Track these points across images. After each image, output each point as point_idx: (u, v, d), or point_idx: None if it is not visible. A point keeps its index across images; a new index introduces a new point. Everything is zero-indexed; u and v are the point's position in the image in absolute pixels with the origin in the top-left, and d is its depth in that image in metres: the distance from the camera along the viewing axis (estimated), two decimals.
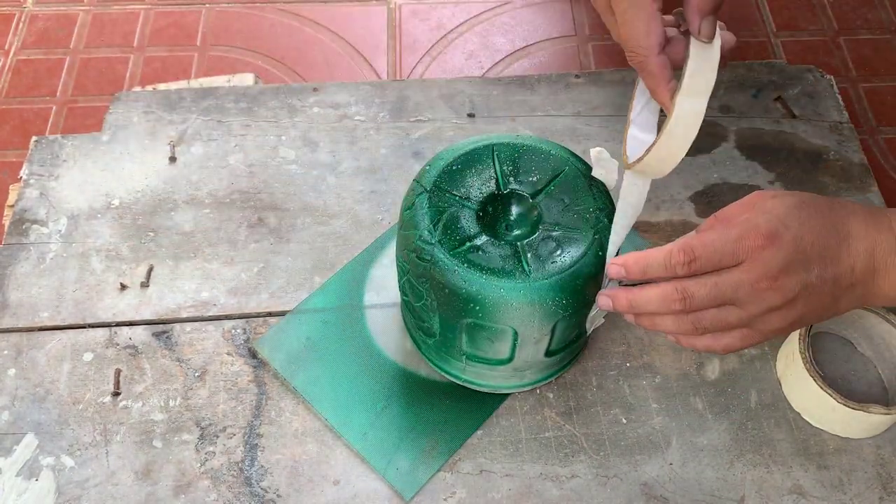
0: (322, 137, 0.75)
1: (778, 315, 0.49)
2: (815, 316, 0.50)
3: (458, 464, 0.58)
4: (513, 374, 0.57)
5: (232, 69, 0.84)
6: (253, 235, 0.69)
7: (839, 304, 0.50)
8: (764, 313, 0.48)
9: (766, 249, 0.47)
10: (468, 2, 0.92)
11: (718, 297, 0.48)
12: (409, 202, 0.54)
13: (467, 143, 0.57)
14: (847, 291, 0.50)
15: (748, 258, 0.48)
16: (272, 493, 0.56)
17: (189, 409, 0.60)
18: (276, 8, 0.91)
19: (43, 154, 0.73)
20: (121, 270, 0.66)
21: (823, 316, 0.51)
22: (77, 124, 0.80)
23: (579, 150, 0.61)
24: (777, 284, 0.47)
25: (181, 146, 0.74)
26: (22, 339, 0.63)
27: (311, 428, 0.59)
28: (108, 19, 0.89)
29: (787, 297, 0.48)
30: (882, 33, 0.91)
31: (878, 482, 0.58)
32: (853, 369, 0.63)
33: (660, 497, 0.57)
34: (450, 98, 0.78)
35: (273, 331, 0.63)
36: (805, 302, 0.49)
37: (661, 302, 0.49)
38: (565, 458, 0.58)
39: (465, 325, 0.53)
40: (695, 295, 0.48)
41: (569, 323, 0.53)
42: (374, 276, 0.66)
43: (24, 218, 0.69)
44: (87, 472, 0.57)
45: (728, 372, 0.63)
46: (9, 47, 0.86)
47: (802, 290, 0.48)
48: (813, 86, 0.80)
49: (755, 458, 0.59)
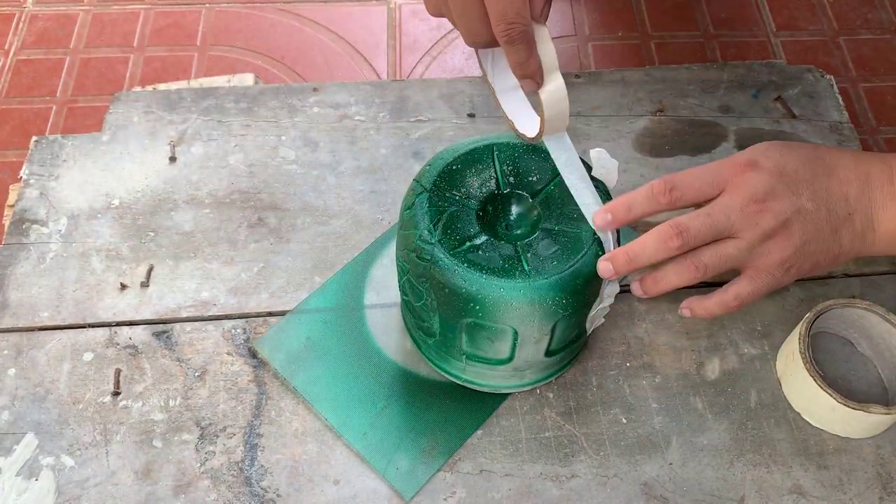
0: (322, 137, 0.75)
1: (776, 244, 0.47)
2: (817, 248, 0.48)
3: (458, 463, 0.58)
4: (513, 373, 0.57)
5: (232, 69, 0.85)
6: (253, 235, 0.69)
7: (841, 238, 0.49)
8: (761, 241, 0.47)
9: (747, 174, 0.47)
10: None
11: (712, 225, 0.47)
12: (409, 202, 0.54)
13: (467, 143, 0.57)
14: (846, 222, 0.48)
15: (730, 184, 0.47)
16: (272, 492, 0.56)
17: (189, 408, 0.60)
18: (276, 8, 0.91)
19: (43, 154, 0.73)
20: (121, 270, 0.66)
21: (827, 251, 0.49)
22: (77, 124, 0.80)
23: (579, 150, 0.61)
24: (766, 206, 0.46)
25: (181, 146, 0.74)
26: (22, 338, 0.63)
27: (311, 428, 0.59)
28: (108, 19, 0.89)
29: (779, 218, 0.47)
30: (882, 33, 0.91)
31: (878, 482, 0.58)
32: (853, 369, 0.63)
33: (660, 497, 0.57)
34: (450, 98, 0.78)
35: (273, 331, 0.63)
36: (801, 228, 0.47)
37: (657, 242, 0.48)
38: (565, 457, 0.58)
39: (465, 325, 0.53)
40: (689, 227, 0.48)
41: (569, 323, 0.53)
42: (374, 275, 0.66)
43: (24, 218, 0.69)
44: (87, 471, 0.57)
45: (728, 372, 0.63)
46: (9, 47, 0.86)
47: (795, 213, 0.47)
48: (813, 86, 0.80)
49: (755, 458, 0.59)
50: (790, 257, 0.48)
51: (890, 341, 0.60)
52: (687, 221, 0.48)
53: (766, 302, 0.66)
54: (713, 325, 0.65)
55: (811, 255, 0.49)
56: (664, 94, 0.79)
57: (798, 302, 0.66)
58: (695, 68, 0.81)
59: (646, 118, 0.77)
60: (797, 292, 0.67)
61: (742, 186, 0.47)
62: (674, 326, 0.64)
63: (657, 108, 0.78)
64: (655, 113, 0.78)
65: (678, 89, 0.79)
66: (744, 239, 0.47)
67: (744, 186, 0.47)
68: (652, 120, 0.77)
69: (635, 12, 0.93)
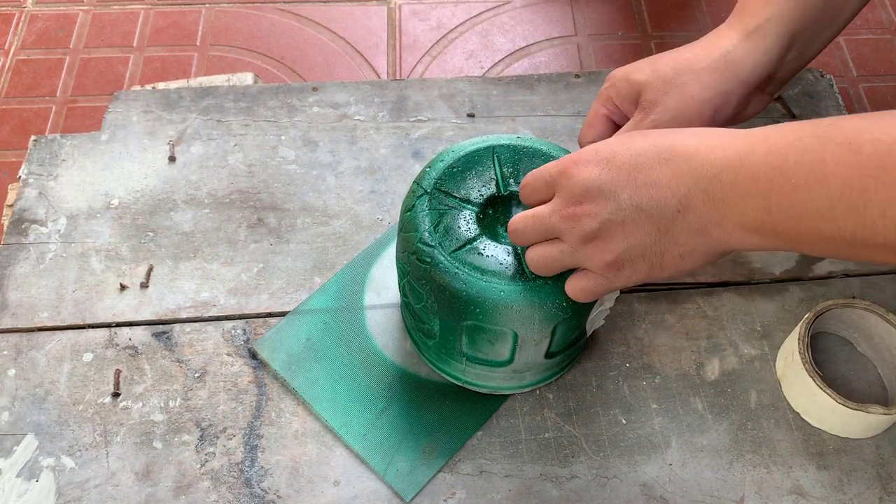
0: (322, 137, 0.75)
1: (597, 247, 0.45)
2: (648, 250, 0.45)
3: (458, 464, 0.58)
4: (513, 375, 0.57)
5: (231, 69, 0.84)
6: (253, 236, 0.69)
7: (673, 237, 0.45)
8: (582, 243, 0.46)
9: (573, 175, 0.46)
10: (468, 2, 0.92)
11: (535, 228, 0.47)
12: (409, 204, 0.54)
13: (467, 145, 0.57)
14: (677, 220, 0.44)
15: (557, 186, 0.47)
16: (272, 493, 0.56)
17: (189, 409, 0.60)
18: (276, 8, 0.91)
19: (42, 154, 0.73)
20: (120, 270, 0.66)
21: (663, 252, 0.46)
22: (77, 124, 0.80)
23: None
24: (582, 209, 0.45)
25: (181, 146, 0.74)
26: (22, 339, 0.63)
27: (311, 429, 0.59)
28: (108, 19, 0.89)
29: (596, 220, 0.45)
30: (882, 33, 0.91)
31: (878, 482, 0.58)
32: (853, 369, 0.63)
33: (659, 497, 0.57)
34: (450, 98, 0.78)
35: (273, 331, 0.63)
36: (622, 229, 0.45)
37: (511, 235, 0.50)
38: (565, 458, 0.58)
39: (465, 327, 0.53)
40: (517, 227, 0.48)
41: (569, 325, 0.53)
42: (373, 276, 0.66)
43: (23, 218, 0.69)
44: (88, 472, 0.57)
45: (728, 372, 0.63)
46: (9, 47, 0.86)
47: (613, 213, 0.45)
48: (813, 86, 0.80)
49: (755, 459, 0.59)
50: (616, 260, 0.46)
51: (890, 341, 0.60)
52: (515, 221, 0.49)
53: (766, 302, 0.66)
54: (713, 325, 0.65)
55: (641, 256, 0.46)
56: None
57: (798, 302, 0.66)
58: None
59: None
60: (797, 292, 0.67)
61: (564, 186, 0.46)
62: (673, 327, 0.65)
63: None
64: None
65: None
66: (566, 242, 0.47)
67: (566, 186, 0.46)
68: None
69: (635, 12, 0.93)
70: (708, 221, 0.44)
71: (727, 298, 0.66)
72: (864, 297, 0.66)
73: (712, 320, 0.65)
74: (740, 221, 0.43)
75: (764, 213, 0.42)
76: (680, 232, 0.45)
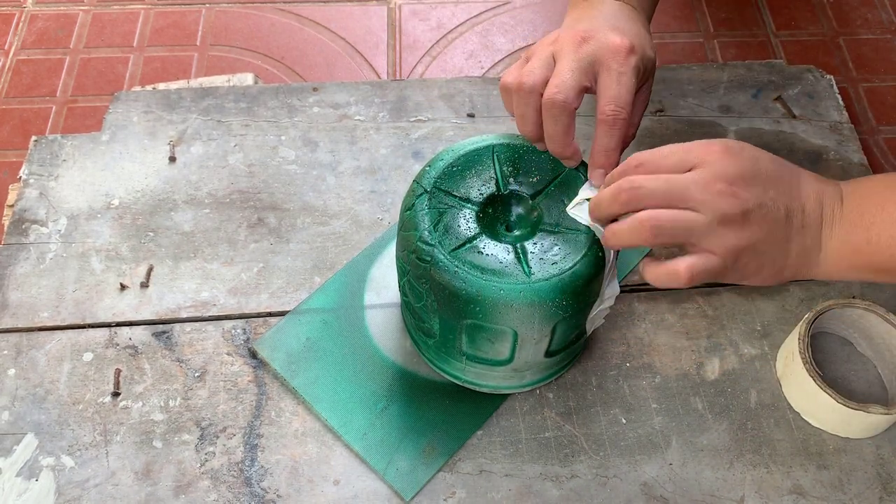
0: (322, 137, 0.75)
1: (732, 230, 0.46)
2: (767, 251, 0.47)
3: (458, 464, 0.58)
4: (513, 374, 0.57)
5: (232, 69, 0.84)
6: (253, 235, 0.69)
7: (790, 249, 0.48)
8: (719, 222, 0.46)
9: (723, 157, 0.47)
10: (468, 2, 0.92)
11: (668, 190, 0.47)
12: (409, 203, 0.54)
13: (467, 144, 0.57)
14: (798, 234, 0.48)
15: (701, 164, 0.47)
16: (272, 493, 0.56)
17: (189, 409, 0.60)
18: (275, 8, 0.91)
19: (42, 154, 0.73)
20: (121, 270, 0.66)
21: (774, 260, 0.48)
22: (77, 124, 0.80)
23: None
24: (733, 189, 0.46)
25: (181, 146, 0.74)
26: (22, 339, 0.63)
27: (311, 428, 0.59)
28: (108, 19, 0.89)
29: (742, 207, 0.46)
30: (882, 33, 0.91)
31: (878, 482, 0.58)
32: (853, 369, 0.63)
33: (659, 497, 0.57)
34: (450, 98, 0.78)
35: (273, 331, 0.63)
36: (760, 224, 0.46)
37: (611, 194, 0.48)
38: (565, 458, 0.58)
39: (465, 326, 0.53)
40: (642, 185, 0.47)
41: (569, 324, 0.53)
42: (373, 276, 0.66)
43: (23, 218, 0.69)
44: (87, 472, 0.57)
45: (728, 372, 0.63)
46: (9, 47, 0.86)
47: (758, 206, 0.46)
48: (813, 86, 0.80)
49: (755, 458, 0.59)
50: (743, 249, 0.47)
51: (890, 341, 0.60)
52: (642, 180, 0.47)
53: (766, 302, 0.66)
54: (713, 325, 0.65)
55: (760, 255, 0.47)
56: (664, 93, 0.79)
57: (798, 302, 0.66)
58: (695, 68, 0.81)
59: (646, 118, 0.77)
60: (797, 292, 0.67)
61: (713, 165, 0.46)
62: (673, 327, 0.64)
63: (657, 108, 0.78)
64: (655, 113, 0.77)
65: (678, 89, 0.79)
66: (703, 214, 0.46)
67: (715, 165, 0.46)
68: (652, 120, 0.77)
69: None
70: (815, 244, 0.49)
71: (727, 298, 0.66)
72: (864, 297, 0.66)
73: (712, 320, 0.65)
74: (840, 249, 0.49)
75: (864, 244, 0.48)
76: (795, 246, 0.48)
